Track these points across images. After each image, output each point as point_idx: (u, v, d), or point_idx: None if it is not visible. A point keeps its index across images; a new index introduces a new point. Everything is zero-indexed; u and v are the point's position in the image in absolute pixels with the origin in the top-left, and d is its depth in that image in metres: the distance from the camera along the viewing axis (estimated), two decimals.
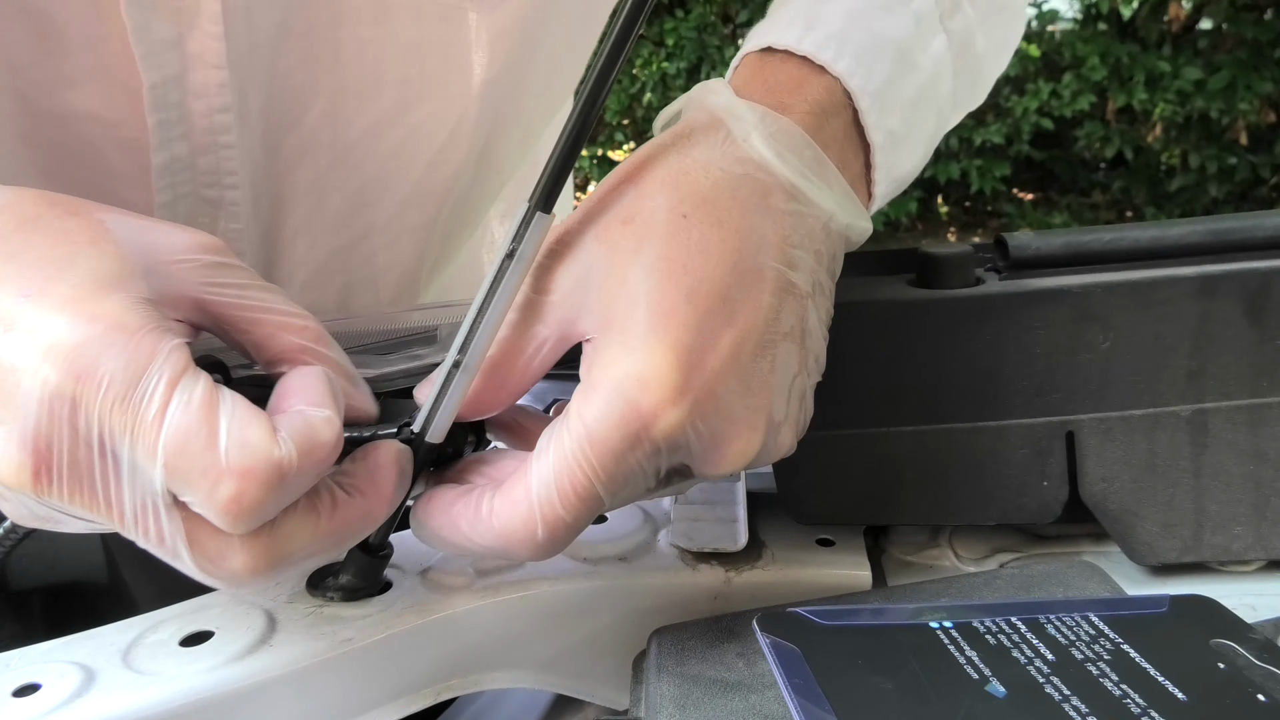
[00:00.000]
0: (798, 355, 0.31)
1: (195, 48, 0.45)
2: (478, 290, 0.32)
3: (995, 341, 0.37)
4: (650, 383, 0.29)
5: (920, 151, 0.39)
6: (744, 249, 0.30)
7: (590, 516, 0.30)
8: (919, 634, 0.28)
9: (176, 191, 0.48)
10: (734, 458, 0.30)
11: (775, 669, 0.26)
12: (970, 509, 0.38)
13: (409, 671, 0.35)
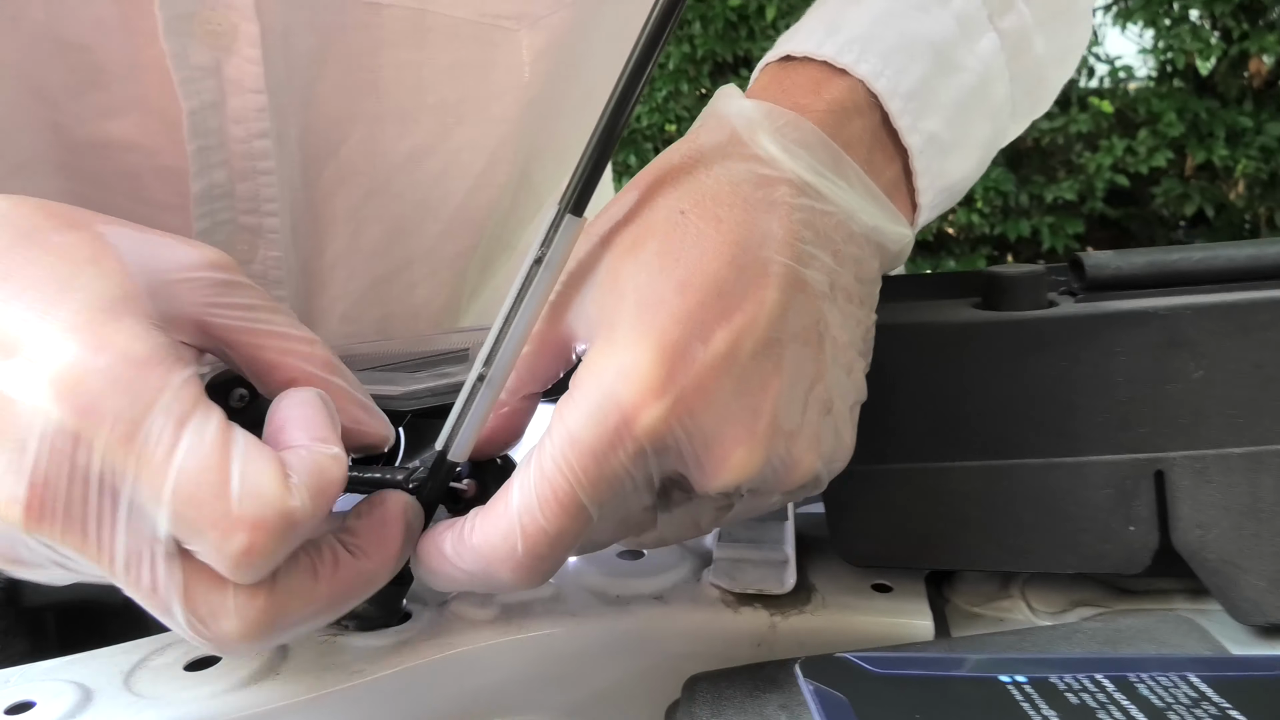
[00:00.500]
0: (814, 360, 0.29)
1: (233, 73, 0.45)
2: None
3: (1071, 369, 0.34)
4: (630, 374, 0.26)
5: (973, 160, 0.36)
6: (745, 242, 0.28)
7: (575, 532, 0.27)
8: (987, 688, 0.25)
9: (215, 219, 0.48)
10: (734, 468, 0.27)
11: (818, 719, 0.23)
12: (1044, 555, 0.34)
13: (423, 709, 0.33)
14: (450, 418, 0.31)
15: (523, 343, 0.30)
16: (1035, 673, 0.25)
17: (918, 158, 0.33)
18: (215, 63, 0.44)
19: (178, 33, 0.43)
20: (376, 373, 0.39)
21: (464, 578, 0.29)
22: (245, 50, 0.45)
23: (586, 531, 0.27)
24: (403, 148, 0.52)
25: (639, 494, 0.28)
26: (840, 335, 0.29)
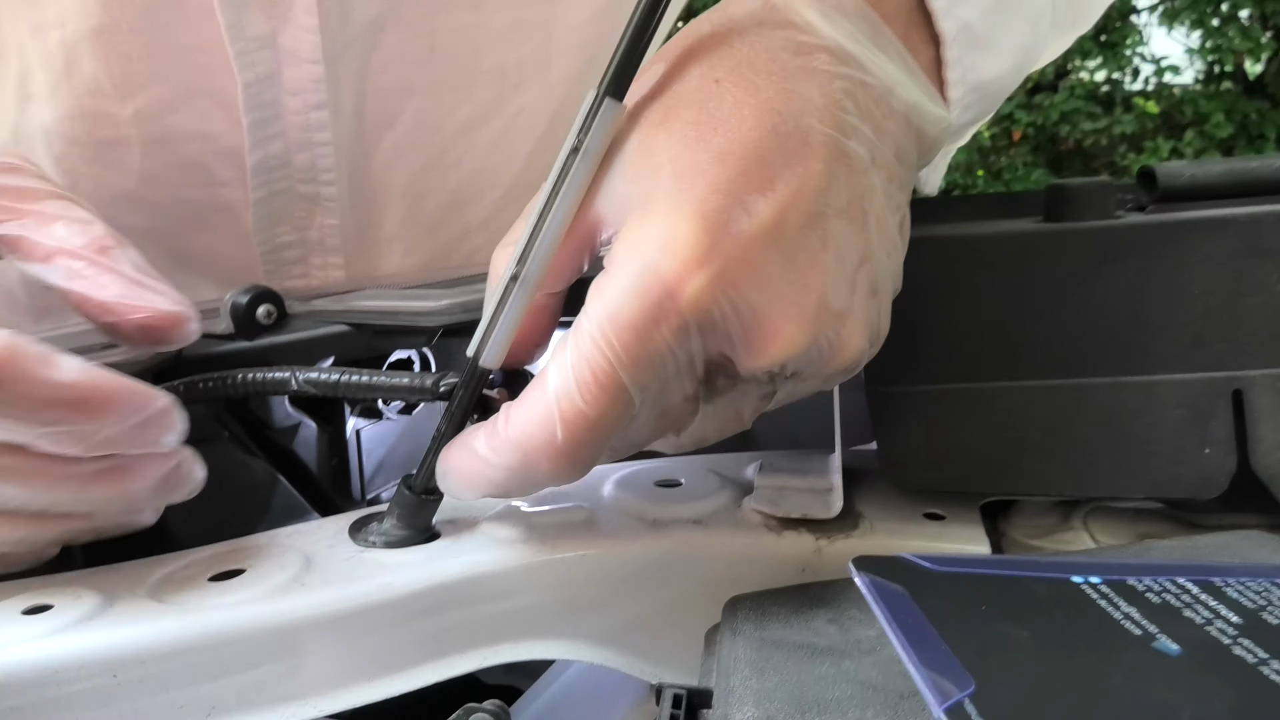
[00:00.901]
0: (860, 238, 0.27)
1: (289, 43, 0.44)
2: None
3: (1142, 282, 0.32)
4: (671, 245, 0.25)
5: (1007, 63, 0.34)
6: (785, 110, 0.26)
7: (615, 416, 0.26)
8: (1059, 587, 0.23)
9: (272, 189, 0.48)
10: (782, 343, 0.26)
11: (878, 608, 0.21)
12: (1111, 480, 0.32)
13: (453, 629, 0.31)
14: (482, 321, 0.30)
15: (559, 239, 0.29)
16: (1111, 575, 0.23)
17: (950, 45, 0.31)
18: (271, 32, 0.44)
19: (233, 3, 0.42)
20: (406, 290, 0.38)
21: (500, 476, 0.28)
22: (302, 19, 0.44)
23: (626, 418, 0.26)
24: (460, 115, 0.51)
25: (681, 378, 0.26)
26: (885, 218, 0.28)
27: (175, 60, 0.43)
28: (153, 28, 0.42)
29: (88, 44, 0.42)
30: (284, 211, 0.49)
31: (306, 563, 0.32)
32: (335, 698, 0.30)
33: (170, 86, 0.44)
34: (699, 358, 0.26)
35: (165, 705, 0.28)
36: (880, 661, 0.25)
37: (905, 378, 0.33)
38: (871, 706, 0.23)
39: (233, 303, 0.34)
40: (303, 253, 0.49)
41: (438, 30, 0.48)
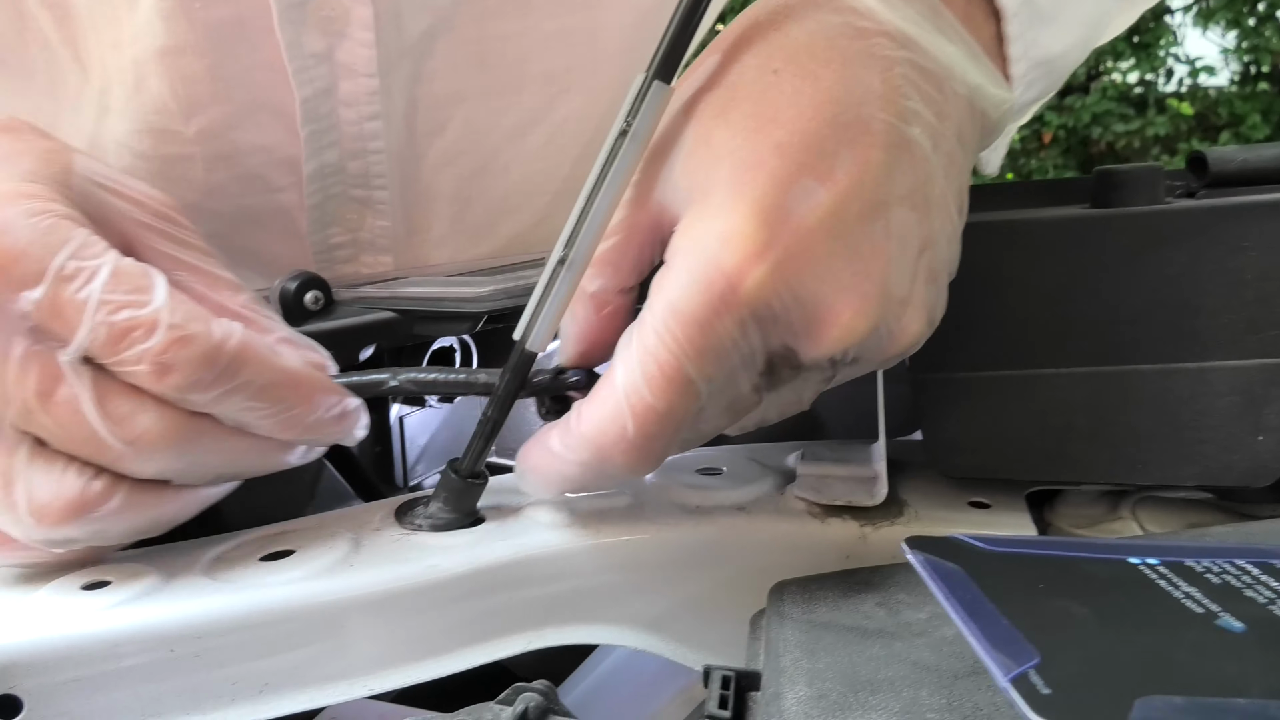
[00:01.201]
0: (921, 225, 0.27)
1: (345, 57, 0.45)
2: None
3: (1193, 267, 0.31)
4: (731, 238, 0.25)
5: (1072, 37, 0.33)
6: (845, 99, 0.26)
7: (684, 408, 0.26)
8: (1116, 567, 0.22)
9: (326, 194, 0.49)
10: (844, 332, 0.26)
11: (934, 584, 0.21)
12: (1161, 468, 0.32)
13: (499, 612, 0.31)
14: (529, 305, 0.30)
15: (606, 222, 0.29)
16: (1168, 556, 0.23)
17: (1011, 20, 0.31)
18: (328, 49, 0.44)
19: (292, 21, 0.43)
20: (450, 277, 0.39)
21: (576, 472, 0.28)
22: (358, 34, 0.44)
23: (694, 409, 0.26)
24: (508, 121, 0.52)
25: (746, 370, 0.27)
26: (944, 201, 0.28)
27: (236, 79, 0.44)
28: (215, 50, 0.43)
29: (154, 64, 0.43)
30: (337, 214, 0.50)
31: (355, 544, 0.32)
32: (383, 677, 0.30)
33: (232, 105, 0.45)
34: (761, 349, 0.26)
35: (219, 681, 0.28)
36: (932, 643, 0.24)
37: (952, 364, 0.33)
38: (926, 686, 0.22)
39: (282, 289, 0.35)
40: (354, 251, 0.50)
41: (487, 38, 0.49)
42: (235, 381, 0.28)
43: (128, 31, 0.43)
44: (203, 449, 0.29)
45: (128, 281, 0.27)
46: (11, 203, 0.26)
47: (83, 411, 0.26)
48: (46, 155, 0.29)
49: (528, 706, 0.26)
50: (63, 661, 0.26)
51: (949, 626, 0.25)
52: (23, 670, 0.26)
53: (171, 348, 0.26)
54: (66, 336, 0.26)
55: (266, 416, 0.29)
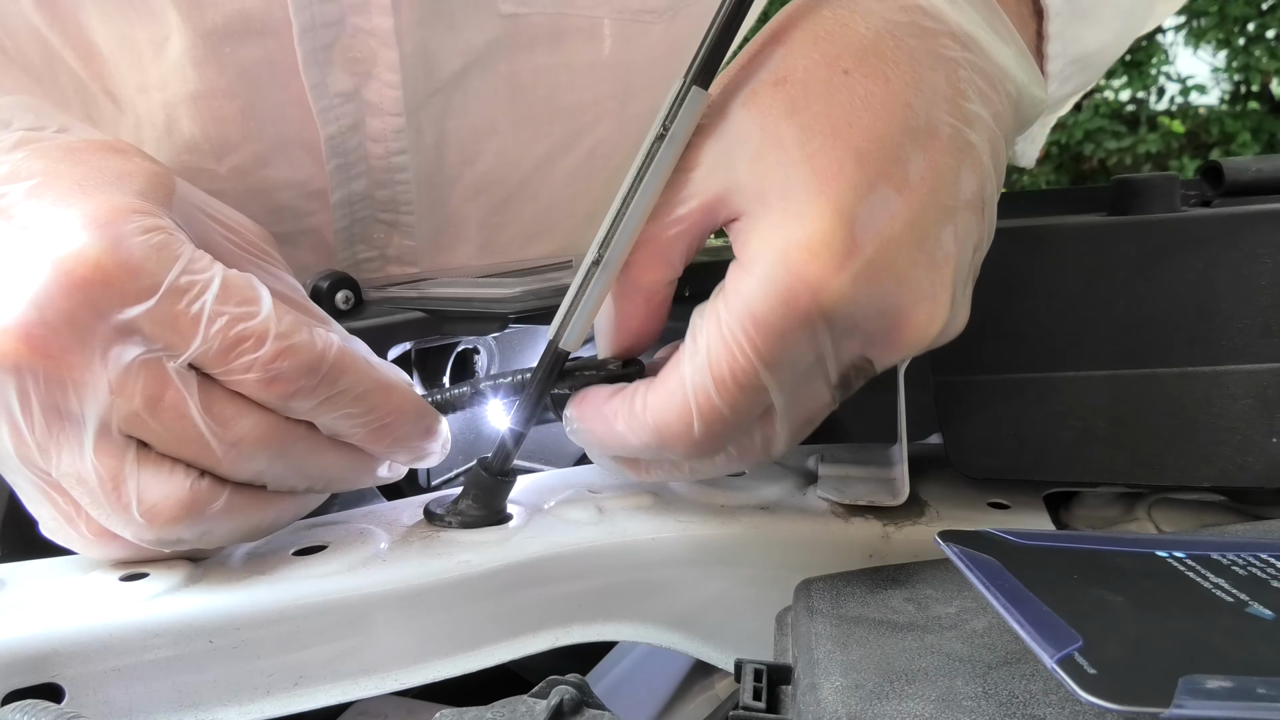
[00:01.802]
0: (978, 229, 0.28)
1: (373, 96, 0.46)
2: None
3: (1209, 273, 0.32)
4: (818, 248, 0.25)
5: (1110, 32, 0.33)
6: (915, 103, 0.27)
7: (752, 410, 0.27)
8: (1145, 560, 0.23)
9: (354, 217, 0.50)
10: (917, 336, 0.27)
11: (972, 574, 0.22)
12: (1178, 468, 0.32)
13: (528, 608, 0.32)
14: (563, 304, 0.31)
15: (642, 222, 0.30)
16: (1195, 550, 0.24)
17: (1054, 19, 0.31)
18: (354, 88, 0.45)
19: (318, 63, 0.44)
20: (479, 278, 0.39)
21: (633, 446, 0.29)
22: (384, 75, 0.45)
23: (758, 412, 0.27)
24: (538, 151, 0.52)
25: (821, 377, 0.27)
26: (993, 201, 0.28)
27: (266, 118, 0.45)
28: (246, 91, 0.44)
29: (185, 107, 0.44)
30: (364, 234, 0.51)
31: (386, 540, 0.32)
32: (414, 672, 0.31)
33: (262, 144, 0.46)
34: (836, 357, 0.27)
35: (256, 673, 0.28)
36: (963, 635, 0.25)
37: (972, 368, 0.34)
38: (960, 676, 0.23)
39: (313, 287, 0.36)
40: (381, 264, 0.51)
41: (519, 72, 0.49)
42: (334, 389, 0.29)
43: (154, 76, 0.44)
44: (298, 454, 0.30)
45: (237, 294, 0.28)
46: (126, 219, 0.27)
47: (189, 416, 0.27)
48: (155, 177, 0.30)
49: (562, 699, 0.26)
50: (103, 651, 0.27)
51: (979, 619, 0.26)
52: (64, 659, 0.26)
53: (279, 357, 0.27)
54: (177, 346, 0.27)
55: (360, 425, 0.30)
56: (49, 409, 0.27)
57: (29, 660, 0.26)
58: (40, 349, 0.26)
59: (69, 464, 0.27)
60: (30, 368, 0.27)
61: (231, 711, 0.28)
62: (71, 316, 0.26)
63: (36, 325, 0.26)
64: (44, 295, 0.26)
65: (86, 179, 0.29)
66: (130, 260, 0.27)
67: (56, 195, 0.28)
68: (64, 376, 0.27)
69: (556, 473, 0.39)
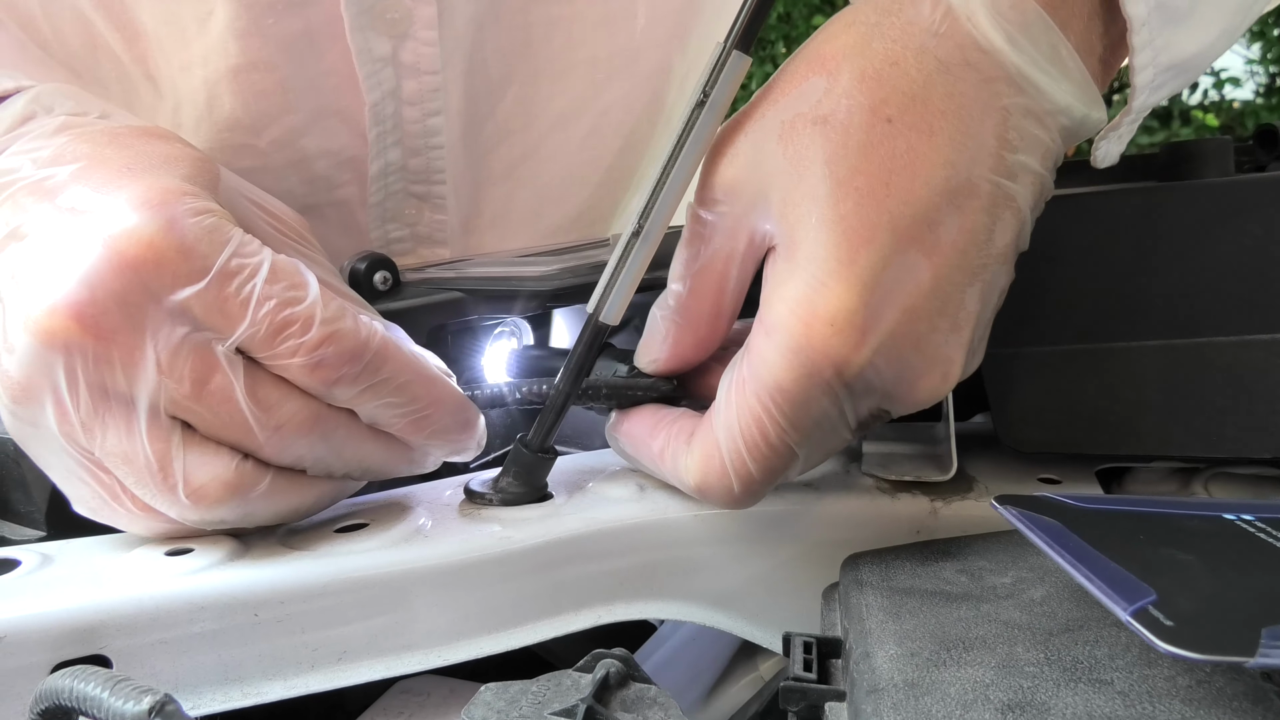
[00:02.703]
0: (1005, 277, 0.28)
1: (409, 57, 0.46)
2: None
3: (1267, 238, 0.31)
4: (842, 325, 0.26)
5: (1214, 32, 0.30)
6: (958, 161, 0.26)
7: (784, 466, 0.28)
8: (1213, 522, 0.22)
9: (388, 191, 0.50)
10: (932, 392, 0.28)
11: (1034, 534, 0.21)
12: (1236, 439, 0.31)
13: (570, 585, 0.32)
14: (603, 277, 0.31)
15: (683, 191, 0.29)
16: (1264, 513, 0.23)
17: (1139, 30, 0.28)
18: (392, 50, 0.45)
19: (361, 27, 0.44)
20: (515, 257, 0.39)
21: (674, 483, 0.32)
22: (421, 33, 0.45)
23: (793, 465, 0.29)
24: (555, 107, 0.53)
25: (839, 428, 0.28)
26: (1027, 240, 0.28)
27: (305, 89, 0.45)
28: (286, 63, 0.44)
29: (226, 83, 0.44)
30: (396, 210, 0.51)
31: (427, 518, 0.32)
32: (456, 648, 0.30)
33: (301, 114, 0.46)
34: (855, 413, 0.28)
35: (300, 647, 0.28)
36: (1021, 604, 0.24)
37: (1021, 339, 0.33)
38: (1020, 644, 0.22)
39: (351, 268, 0.36)
40: (412, 245, 0.51)
41: (532, 23, 0.50)
42: (377, 377, 0.29)
43: (198, 52, 0.44)
44: (338, 441, 0.30)
45: (285, 278, 0.28)
46: (178, 200, 0.27)
47: (235, 400, 0.27)
48: (199, 163, 0.30)
49: (609, 672, 0.26)
50: (150, 624, 0.27)
51: (1037, 589, 0.25)
52: (111, 631, 0.26)
53: (324, 343, 0.28)
54: (224, 329, 0.27)
55: (400, 415, 0.30)
56: (96, 388, 0.27)
57: (77, 632, 0.26)
58: (91, 327, 0.26)
59: (115, 443, 0.27)
60: (80, 346, 0.26)
61: (275, 685, 0.28)
62: (123, 296, 0.26)
63: (88, 304, 0.26)
64: (95, 274, 0.26)
65: (134, 163, 0.29)
66: (183, 241, 0.27)
67: (104, 178, 0.28)
68: (113, 356, 0.27)
69: (595, 453, 0.38)
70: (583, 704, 0.23)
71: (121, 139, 0.31)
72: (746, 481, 0.29)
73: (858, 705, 0.22)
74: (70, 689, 0.21)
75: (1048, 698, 0.19)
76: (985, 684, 0.21)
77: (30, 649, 0.26)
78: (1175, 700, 0.18)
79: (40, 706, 0.21)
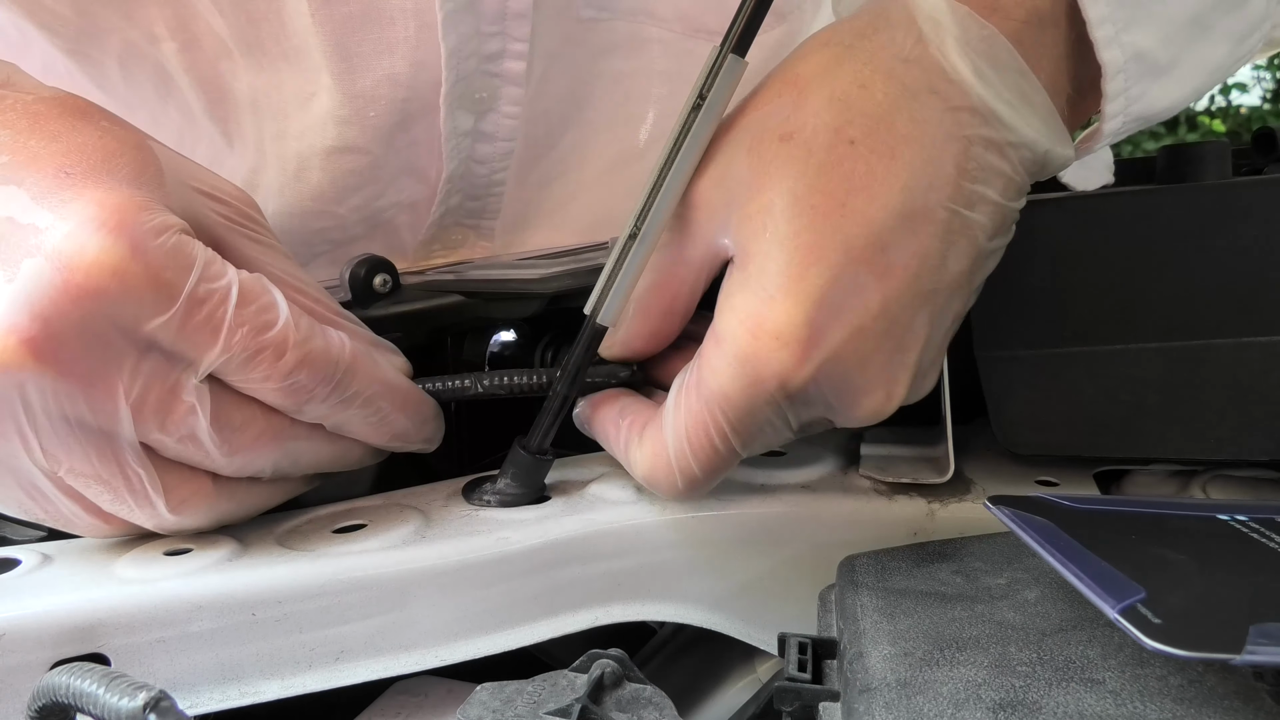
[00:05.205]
0: (960, 304, 0.28)
1: (489, 128, 0.47)
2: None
3: (1265, 241, 0.31)
4: (787, 339, 0.26)
5: (1188, 88, 0.30)
6: (915, 186, 0.26)
7: (727, 465, 0.30)
8: (1208, 523, 0.22)
9: (443, 225, 0.51)
10: (873, 412, 0.28)
11: (1026, 534, 0.21)
12: (1235, 442, 0.31)
13: (567, 587, 0.32)
14: (600, 279, 0.31)
15: (679, 193, 0.30)
16: (1258, 514, 0.23)
17: (1112, 77, 0.28)
18: (474, 124, 0.46)
19: (452, 109, 0.45)
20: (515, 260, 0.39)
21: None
22: (506, 109, 0.46)
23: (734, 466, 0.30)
24: (608, 155, 0.53)
25: (780, 432, 0.29)
26: (987, 269, 0.28)
27: (389, 163, 0.46)
28: (379, 147, 0.45)
29: (319, 159, 0.45)
30: (443, 238, 0.52)
31: (425, 519, 0.32)
32: (453, 648, 0.30)
33: (382, 183, 0.47)
34: (797, 420, 0.29)
35: (298, 647, 0.28)
36: (1016, 604, 0.24)
37: (1018, 342, 0.33)
38: (1014, 643, 0.22)
39: (351, 272, 0.36)
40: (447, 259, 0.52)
41: (599, 74, 0.50)
42: (347, 393, 0.29)
43: (295, 126, 0.45)
44: (299, 451, 0.30)
45: (254, 301, 0.27)
46: (137, 219, 0.25)
47: (199, 435, 0.27)
48: (138, 152, 0.28)
49: (604, 672, 0.26)
50: (148, 622, 0.27)
51: (1031, 590, 0.25)
52: (110, 630, 0.27)
53: (298, 368, 0.28)
54: (195, 356, 0.26)
55: (364, 423, 0.31)
56: (56, 417, 0.26)
57: (76, 630, 0.26)
58: (49, 360, 0.25)
59: (84, 467, 0.27)
60: (36, 377, 0.25)
61: (273, 684, 0.28)
62: (83, 327, 0.25)
63: (43, 337, 0.24)
64: (51, 304, 0.24)
65: (71, 163, 0.26)
66: (149, 268, 0.25)
67: (41, 184, 0.26)
68: (74, 388, 0.25)
69: (593, 455, 0.38)
70: (578, 704, 0.24)
71: (44, 123, 0.28)
72: (690, 478, 0.30)
73: (851, 705, 0.22)
74: (67, 685, 0.21)
75: (1039, 697, 0.19)
76: (977, 683, 0.21)
77: (29, 647, 0.26)
78: (1167, 699, 0.18)
79: (38, 703, 0.22)
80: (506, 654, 0.31)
